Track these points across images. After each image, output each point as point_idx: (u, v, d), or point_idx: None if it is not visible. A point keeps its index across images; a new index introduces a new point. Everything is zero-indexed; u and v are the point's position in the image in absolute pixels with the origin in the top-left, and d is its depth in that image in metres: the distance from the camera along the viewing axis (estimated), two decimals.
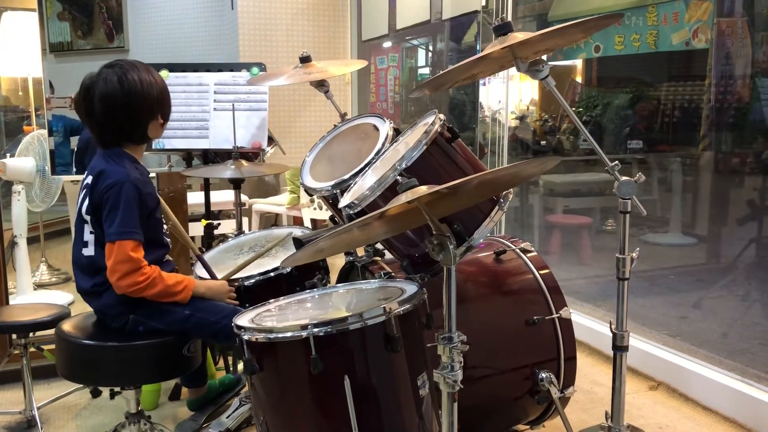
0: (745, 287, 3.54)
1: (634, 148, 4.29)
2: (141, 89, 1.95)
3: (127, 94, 1.93)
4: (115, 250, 1.87)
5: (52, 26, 5.02)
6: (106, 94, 1.92)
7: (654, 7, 3.30)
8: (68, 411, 2.63)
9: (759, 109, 3.40)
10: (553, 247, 4.65)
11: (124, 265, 1.87)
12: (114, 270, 1.88)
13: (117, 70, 1.94)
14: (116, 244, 1.87)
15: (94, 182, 1.93)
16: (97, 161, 1.99)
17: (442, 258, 1.40)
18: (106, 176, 1.91)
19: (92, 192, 1.93)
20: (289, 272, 2.18)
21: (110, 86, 1.92)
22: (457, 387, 1.43)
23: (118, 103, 1.93)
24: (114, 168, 1.93)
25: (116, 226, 1.88)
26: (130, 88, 1.93)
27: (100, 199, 1.91)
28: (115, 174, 1.91)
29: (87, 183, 1.96)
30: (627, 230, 1.75)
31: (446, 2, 4.41)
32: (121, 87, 1.92)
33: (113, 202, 1.89)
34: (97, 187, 1.92)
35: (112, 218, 1.88)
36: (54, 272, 4.53)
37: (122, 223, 1.88)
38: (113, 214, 1.88)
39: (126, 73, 1.93)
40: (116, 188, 1.89)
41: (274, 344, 1.56)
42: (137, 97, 1.94)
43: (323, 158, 2.25)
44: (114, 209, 1.88)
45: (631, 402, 2.63)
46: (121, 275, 1.87)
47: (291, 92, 4.78)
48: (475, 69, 1.88)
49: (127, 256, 1.87)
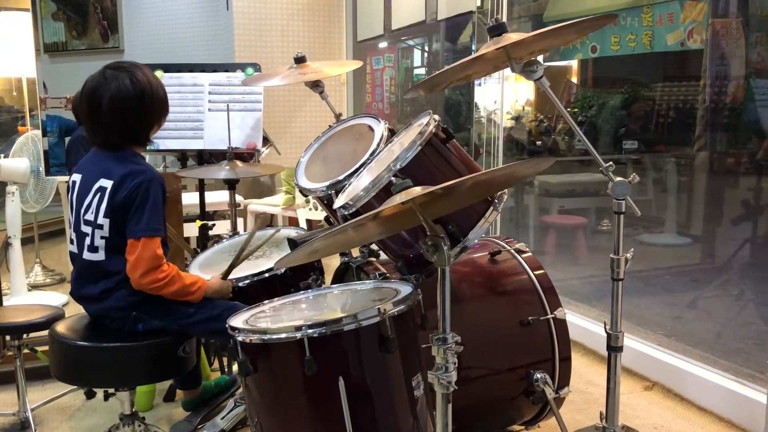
0: (739, 287, 3.55)
1: (629, 148, 4.30)
2: (152, 90, 1.95)
3: (140, 96, 1.93)
4: (141, 246, 1.87)
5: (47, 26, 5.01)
6: (118, 96, 1.90)
7: (649, 8, 3.31)
8: (62, 412, 2.62)
9: (753, 109, 3.40)
10: (548, 248, 4.65)
11: (149, 261, 1.87)
12: (137, 266, 1.87)
13: (125, 72, 1.93)
14: (142, 241, 1.87)
15: (117, 185, 1.90)
16: (105, 163, 1.95)
17: (437, 259, 1.40)
18: (134, 175, 1.90)
19: (114, 194, 1.90)
20: (283, 273, 2.18)
21: (123, 88, 1.91)
22: (452, 388, 1.43)
23: (131, 104, 1.92)
24: (139, 168, 1.94)
25: (144, 223, 1.88)
26: (143, 89, 1.93)
27: (127, 199, 1.89)
28: (143, 172, 1.92)
29: (101, 186, 1.92)
30: (621, 231, 1.75)
31: (441, 3, 4.41)
32: (134, 88, 1.92)
33: (142, 199, 1.89)
34: (124, 186, 1.89)
35: (139, 215, 1.88)
36: (48, 273, 4.52)
37: (150, 219, 1.89)
38: (141, 210, 1.88)
39: (135, 75, 1.93)
40: (145, 185, 1.89)
41: (268, 345, 1.56)
42: (149, 98, 1.94)
43: (318, 159, 2.24)
44: (142, 206, 1.89)
45: (626, 402, 2.63)
46: (145, 271, 1.87)
47: (286, 92, 4.77)
48: (469, 70, 1.88)
49: (153, 252, 1.88)
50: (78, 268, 2.00)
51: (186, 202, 3.25)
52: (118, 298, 1.93)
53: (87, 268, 1.96)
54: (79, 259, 1.97)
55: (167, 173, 3.15)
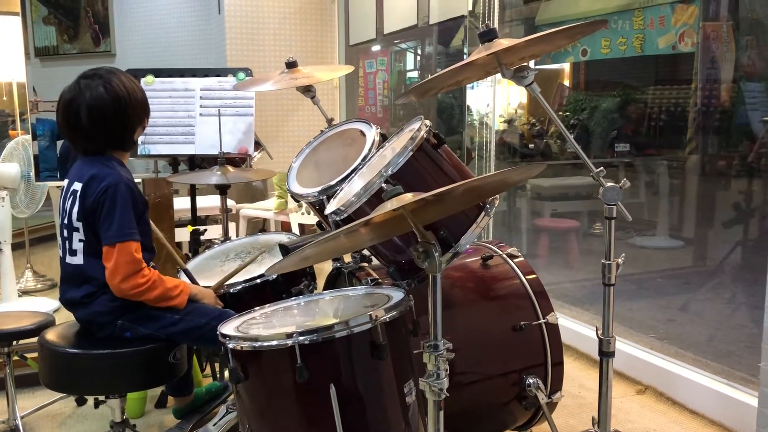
0: (731, 290, 3.56)
1: (621, 151, 4.31)
2: (128, 95, 1.95)
3: (116, 101, 1.92)
4: (117, 252, 1.85)
5: (38, 30, 4.99)
6: (93, 105, 1.90)
7: (641, 11, 3.31)
8: (52, 420, 2.60)
9: (744, 112, 3.42)
10: (540, 251, 4.65)
11: (127, 266, 1.85)
12: (116, 272, 1.85)
13: (100, 80, 1.92)
14: (117, 247, 1.85)
15: (85, 188, 1.90)
16: (83, 167, 1.96)
17: (428, 266, 1.39)
18: (98, 180, 1.89)
19: (84, 198, 1.90)
20: (275, 279, 2.17)
21: (97, 95, 1.90)
22: (443, 395, 1.42)
23: (108, 111, 1.91)
24: (105, 171, 1.91)
25: (115, 229, 1.86)
26: (118, 95, 1.92)
27: (94, 204, 1.88)
28: (107, 177, 1.90)
29: (74, 189, 1.93)
30: (613, 236, 1.75)
31: (433, 7, 4.41)
32: (109, 95, 1.91)
33: (110, 205, 1.87)
34: (89, 191, 1.89)
35: (109, 221, 1.86)
36: (39, 279, 4.49)
37: (121, 224, 1.86)
38: (110, 216, 1.86)
39: (110, 81, 1.92)
40: (111, 190, 1.88)
41: (259, 353, 1.55)
42: (125, 102, 1.94)
43: (310, 164, 2.24)
44: (111, 212, 1.87)
45: (619, 406, 2.63)
46: (124, 277, 1.85)
47: (279, 97, 4.77)
48: (460, 75, 1.88)
49: (130, 257, 1.86)
50: (63, 273, 1.99)
51: (177, 207, 3.24)
52: (100, 303, 1.92)
53: (70, 272, 1.96)
54: (63, 263, 1.98)
55: (159, 178, 3.14)
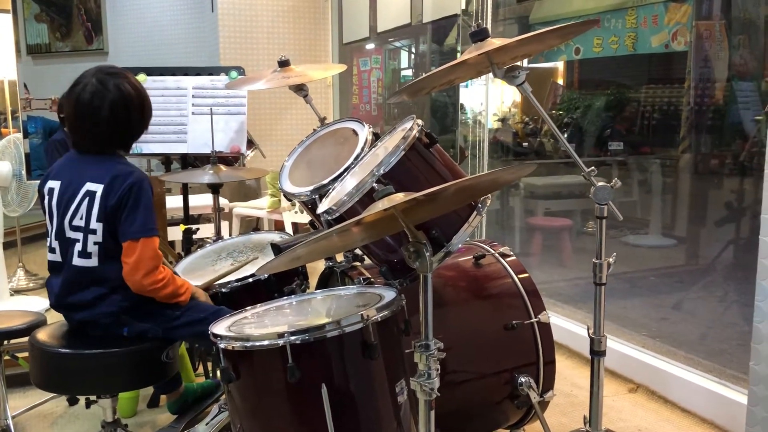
0: (723, 288, 3.57)
1: (614, 150, 4.32)
2: (145, 93, 2.00)
3: (141, 98, 1.97)
4: (141, 246, 1.86)
5: (30, 28, 4.96)
6: (122, 101, 1.91)
7: (634, 10, 3.32)
8: (44, 420, 2.59)
9: (736, 111, 3.43)
10: (533, 250, 4.66)
11: (150, 261, 1.87)
12: (138, 267, 1.86)
13: (120, 78, 1.93)
14: (141, 242, 1.86)
15: (108, 188, 1.88)
16: (94, 167, 1.93)
17: (419, 266, 1.40)
18: (123, 177, 1.89)
19: (106, 197, 1.88)
20: (267, 278, 2.17)
21: (126, 92, 1.92)
22: (434, 395, 1.42)
23: (135, 107, 1.94)
24: (127, 168, 1.93)
25: (140, 224, 1.87)
26: (141, 92, 1.97)
27: (119, 202, 1.88)
28: (131, 173, 1.91)
29: (90, 191, 1.90)
30: (604, 235, 1.76)
31: (427, 5, 4.41)
32: (135, 92, 1.95)
33: (135, 200, 1.88)
34: (113, 190, 1.88)
35: (134, 216, 1.87)
36: (31, 278, 4.47)
37: (146, 220, 1.88)
38: (134, 212, 1.88)
39: (130, 79, 1.96)
40: (137, 186, 1.89)
41: (250, 352, 1.55)
42: (147, 100, 1.99)
43: (302, 163, 2.24)
44: (135, 207, 1.88)
45: (611, 405, 2.64)
46: (146, 272, 1.87)
47: (272, 95, 4.76)
48: (452, 75, 1.88)
49: (154, 252, 1.88)
50: (64, 276, 1.95)
51: (170, 206, 3.24)
52: (110, 303, 1.92)
53: (76, 275, 1.93)
54: (65, 266, 1.94)
55: (151, 177, 3.13)
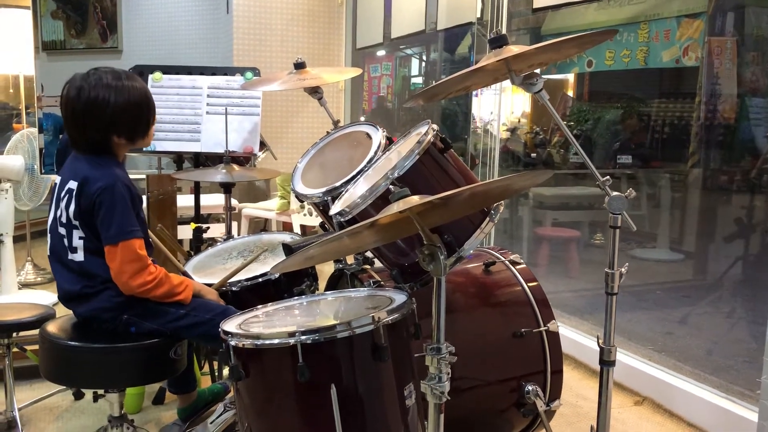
0: (730, 304, 3.56)
1: (623, 163, 4.32)
2: (124, 99, 1.98)
3: (116, 103, 1.94)
4: (120, 251, 1.85)
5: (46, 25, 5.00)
6: (92, 102, 1.91)
7: (646, 24, 3.33)
8: (50, 413, 2.60)
9: (747, 127, 3.43)
10: (541, 260, 4.66)
11: (133, 264, 1.86)
12: (122, 271, 1.86)
13: (132, 78, 1.96)
14: (119, 246, 1.85)
15: (80, 188, 1.89)
16: (76, 164, 1.95)
17: (433, 268, 1.40)
18: (92, 181, 1.88)
19: (79, 198, 1.89)
20: (277, 278, 2.17)
21: (93, 96, 1.91)
22: (444, 398, 1.43)
23: (105, 112, 1.92)
24: (98, 172, 1.90)
25: (116, 228, 1.86)
26: (121, 97, 1.95)
27: (90, 205, 1.87)
28: (100, 178, 1.88)
29: (70, 188, 1.92)
30: (617, 245, 1.76)
31: (441, 13, 4.43)
32: (144, 90, 1.98)
33: (108, 205, 1.86)
34: (84, 192, 1.88)
35: (109, 221, 1.86)
36: (39, 272, 4.50)
37: (121, 223, 1.86)
38: (110, 216, 1.86)
39: (138, 79, 1.99)
40: (108, 191, 1.87)
41: (260, 351, 1.55)
42: (124, 105, 1.95)
43: (315, 165, 2.24)
44: (110, 211, 1.86)
45: (616, 417, 2.64)
46: (131, 275, 1.86)
47: (284, 98, 4.78)
48: (468, 81, 1.89)
49: (135, 254, 1.86)
50: (59, 270, 1.97)
51: (181, 204, 3.25)
52: (103, 299, 1.92)
53: (68, 269, 1.94)
54: (59, 260, 1.96)
55: (162, 175, 3.14)
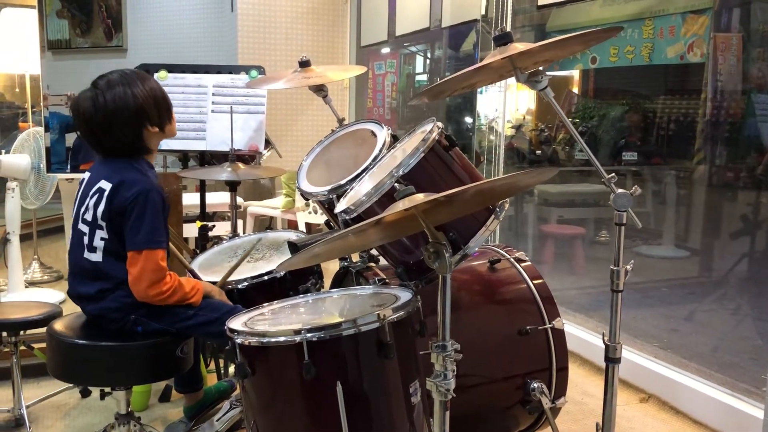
0: (736, 301, 3.55)
1: (628, 160, 4.31)
2: (124, 105, 1.98)
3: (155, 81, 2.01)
4: (143, 259, 1.86)
5: (51, 24, 5.01)
6: (93, 110, 1.92)
7: (651, 20, 3.32)
8: (57, 410, 2.61)
9: (753, 124, 3.42)
10: (546, 257, 4.66)
11: (153, 274, 1.87)
12: (141, 279, 1.86)
13: (142, 79, 1.97)
14: (144, 254, 1.86)
15: (114, 190, 1.89)
16: (111, 166, 1.94)
17: (438, 266, 1.40)
18: (129, 185, 1.88)
19: (111, 199, 1.88)
20: (282, 276, 2.18)
21: (146, 77, 1.97)
22: (450, 395, 1.43)
23: (98, 120, 1.92)
24: (137, 176, 1.91)
25: (144, 235, 1.86)
26: (120, 103, 1.95)
27: (122, 208, 1.87)
28: (138, 182, 1.89)
29: (101, 188, 1.91)
30: (622, 242, 1.76)
31: (446, 10, 4.43)
32: (151, 77, 2.00)
33: (140, 211, 1.86)
34: (118, 195, 1.88)
35: (138, 227, 1.86)
36: (46, 270, 4.51)
37: (150, 231, 1.87)
38: (139, 222, 1.86)
39: (138, 82, 1.98)
40: (143, 196, 1.87)
41: (266, 348, 1.56)
42: (120, 111, 1.95)
43: (320, 163, 2.25)
44: (140, 217, 1.86)
45: (622, 414, 2.63)
46: (150, 284, 1.87)
47: (289, 96, 4.79)
48: (474, 78, 1.88)
49: (157, 265, 1.87)
50: (74, 267, 1.98)
51: (186, 203, 3.26)
52: (114, 299, 1.92)
53: (84, 267, 1.94)
54: (76, 257, 1.96)
55: (168, 173, 3.15)
